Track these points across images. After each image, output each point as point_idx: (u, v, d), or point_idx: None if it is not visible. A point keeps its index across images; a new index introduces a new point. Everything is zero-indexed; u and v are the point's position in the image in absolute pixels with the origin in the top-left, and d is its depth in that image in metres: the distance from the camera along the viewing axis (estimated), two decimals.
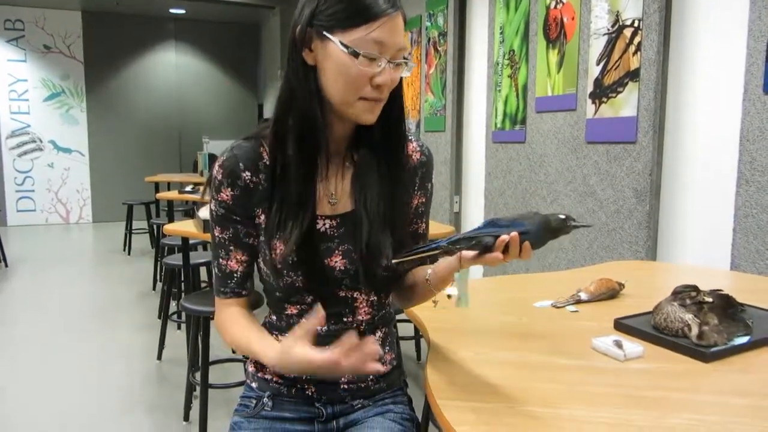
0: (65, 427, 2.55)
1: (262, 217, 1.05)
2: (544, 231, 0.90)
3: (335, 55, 0.95)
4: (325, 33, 0.95)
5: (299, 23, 0.97)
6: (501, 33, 3.76)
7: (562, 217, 0.90)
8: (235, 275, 1.08)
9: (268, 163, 1.04)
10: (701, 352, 1.08)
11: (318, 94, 0.99)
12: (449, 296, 1.08)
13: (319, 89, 0.99)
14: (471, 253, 0.92)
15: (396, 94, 1.04)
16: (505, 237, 0.88)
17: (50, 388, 2.94)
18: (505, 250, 0.89)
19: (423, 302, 1.17)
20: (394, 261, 1.01)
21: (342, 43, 0.93)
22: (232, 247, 1.07)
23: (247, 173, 1.04)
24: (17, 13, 8.11)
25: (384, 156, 1.07)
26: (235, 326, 1.07)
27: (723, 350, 1.09)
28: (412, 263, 1.03)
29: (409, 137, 1.14)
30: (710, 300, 1.19)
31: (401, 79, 1.04)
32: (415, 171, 1.13)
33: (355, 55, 0.93)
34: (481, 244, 0.90)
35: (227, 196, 1.04)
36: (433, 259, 1.07)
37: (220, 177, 1.04)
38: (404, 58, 0.98)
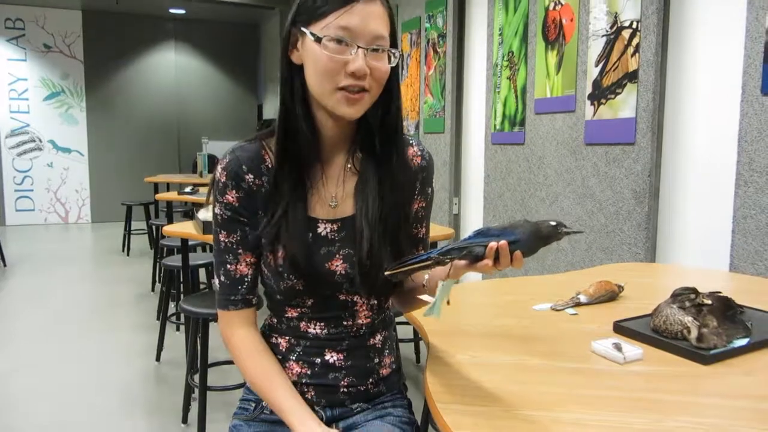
0: (63, 428, 2.55)
1: (264, 219, 1.05)
2: (534, 239, 0.90)
3: (309, 48, 0.95)
4: (302, 28, 0.96)
5: (286, 24, 0.99)
6: (500, 34, 3.76)
7: (553, 224, 0.90)
8: (246, 279, 1.07)
9: (270, 165, 1.04)
10: (701, 354, 1.08)
11: (303, 93, 1.00)
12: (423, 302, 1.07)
13: (304, 88, 1.00)
14: (463, 261, 0.92)
15: (393, 97, 1.04)
16: (493, 245, 0.87)
17: (48, 388, 2.93)
18: (496, 258, 0.89)
19: (423, 306, 1.17)
20: (386, 273, 1.01)
21: (312, 33, 0.94)
22: (240, 250, 1.06)
23: (250, 175, 1.04)
24: (18, 12, 8.11)
25: (384, 160, 1.07)
26: (256, 369, 1.06)
27: (722, 352, 1.09)
28: (405, 275, 1.02)
29: (410, 141, 1.14)
30: (709, 302, 1.19)
31: (398, 82, 1.04)
32: (415, 175, 1.13)
33: (318, 40, 0.93)
34: (472, 254, 0.90)
35: (233, 198, 1.04)
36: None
37: (224, 179, 1.03)
38: (390, 50, 0.97)
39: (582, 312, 1.41)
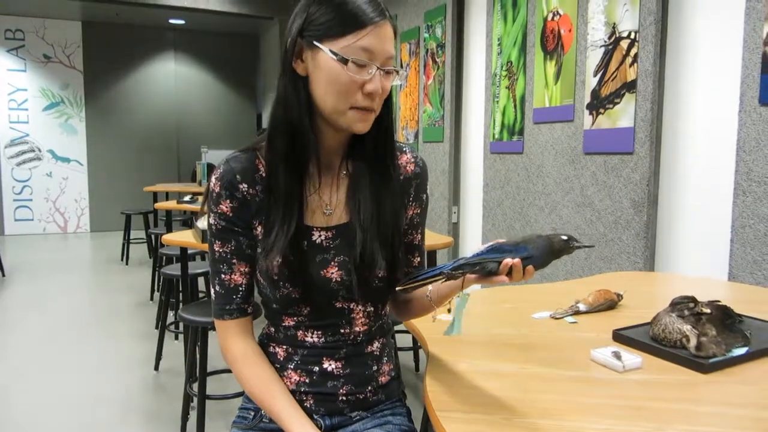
0: None
1: (259, 228, 1.05)
2: (547, 254, 0.92)
3: (325, 64, 0.96)
4: (314, 42, 0.96)
5: (290, 35, 0.99)
6: (499, 44, 3.78)
7: (565, 238, 0.93)
8: (240, 289, 1.08)
9: (264, 174, 1.05)
10: (700, 363, 1.08)
11: (308, 105, 1.00)
12: (433, 319, 1.08)
13: (309, 99, 1.00)
14: (474, 275, 0.93)
15: (387, 104, 1.05)
16: (508, 261, 0.89)
17: (46, 397, 2.92)
18: (509, 272, 0.90)
19: (422, 316, 1.17)
20: (398, 288, 1.03)
21: (331, 51, 0.94)
22: (234, 260, 1.06)
23: (244, 185, 1.04)
24: (18, 22, 8.14)
25: (376, 166, 1.08)
26: (254, 378, 1.06)
27: (721, 361, 1.09)
28: (415, 288, 1.04)
29: (404, 148, 1.15)
30: (708, 311, 1.19)
31: (392, 89, 1.05)
32: (409, 182, 1.14)
33: (344, 62, 0.94)
34: (485, 270, 0.91)
35: (227, 208, 1.04)
36: None
37: (218, 189, 1.04)
38: (395, 68, 1.00)
39: (581, 320, 1.41)
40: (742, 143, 2.26)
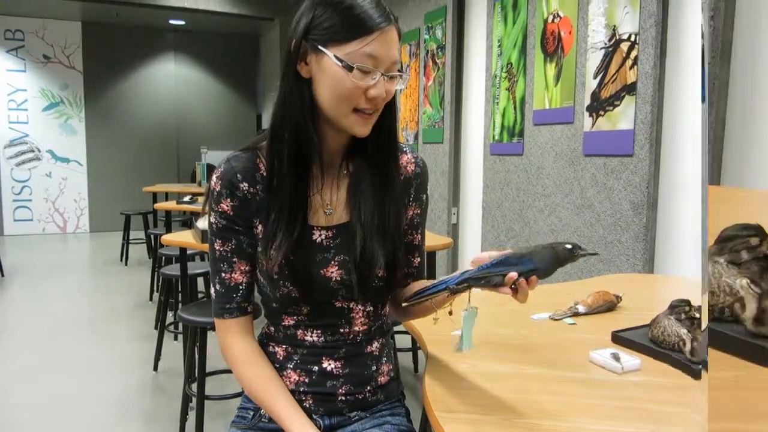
0: None
1: (260, 227, 1.06)
2: (552, 265, 0.93)
3: (330, 69, 0.96)
4: (319, 47, 0.96)
5: (294, 37, 0.99)
6: (499, 46, 3.78)
7: (569, 247, 0.93)
8: (241, 287, 1.08)
9: (264, 174, 1.05)
10: (692, 368, 1.08)
11: (311, 106, 1.01)
12: (435, 320, 1.09)
13: (313, 101, 1.01)
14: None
15: (390, 106, 1.06)
16: (513, 275, 0.90)
17: (45, 398, 2.92)
18: (515, 288, 0.91)
19: (422, 317, 1.18)
20: (404, 305, 1.04)
21: (336, 57, 0.95)
22: (235, 259, 1.07)
23: (245, 184, 1.04)
24: (17, 23, 8.14)
25: (378, 166, 1.08)
26: (254, 377, 1.06)
27: None
28: (420, 303, 1.05)
29: (404, 149, 1.15)
30: None
31: (396, 91, 1.05)
32: (409, 182, 1.14)
33: (349, 68, 0.94)
34: (490, 283, 0.93)
35: (227, 206, 1.05)
36: None
37: (218, 188, 1.04)
38: (399, 71, 1.00)
39: (580, 322, 1.42)
40: None
